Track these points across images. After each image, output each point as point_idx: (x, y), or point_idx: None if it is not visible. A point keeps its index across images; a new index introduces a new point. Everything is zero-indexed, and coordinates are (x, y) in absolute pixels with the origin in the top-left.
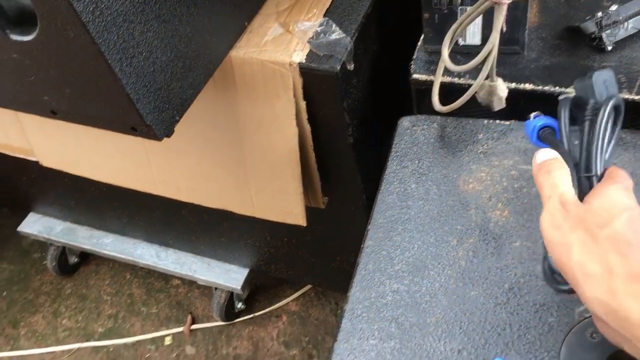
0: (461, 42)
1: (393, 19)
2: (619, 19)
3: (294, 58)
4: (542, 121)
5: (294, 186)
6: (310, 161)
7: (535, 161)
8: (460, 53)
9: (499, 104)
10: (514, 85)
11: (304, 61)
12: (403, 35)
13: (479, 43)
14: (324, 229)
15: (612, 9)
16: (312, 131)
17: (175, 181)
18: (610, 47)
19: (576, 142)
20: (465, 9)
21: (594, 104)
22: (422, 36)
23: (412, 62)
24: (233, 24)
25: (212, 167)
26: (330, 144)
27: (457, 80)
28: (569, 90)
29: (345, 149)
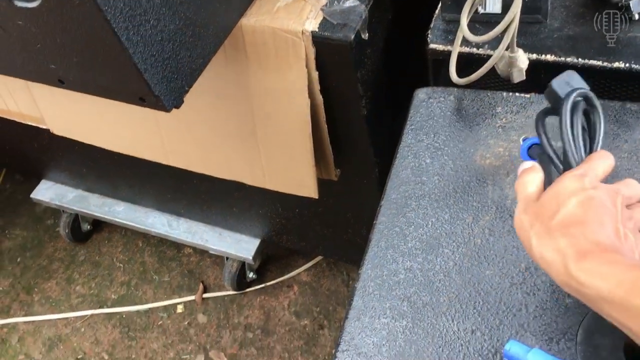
0: (481, 10)
1: None
2: None
3: (306, 26)
4: (529, 141)
5: (306, 158)
6: (323, 133)
7: (518, 171)
8: (480, 22)
9: (519, 76)
10: (534, 56)
11: (317, 30)
12: (420, 3)
13: (500, 11)
14: (335, 201)
15: None
16: (325, 102)
17: (185, 151)
18: (638, 17)
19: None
20: None
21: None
22: (440, 4)
23: (429, 31)
24: None
25: (223, 138)
26: (342, 116)
27: (476, 50)
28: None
29: (358, 121)
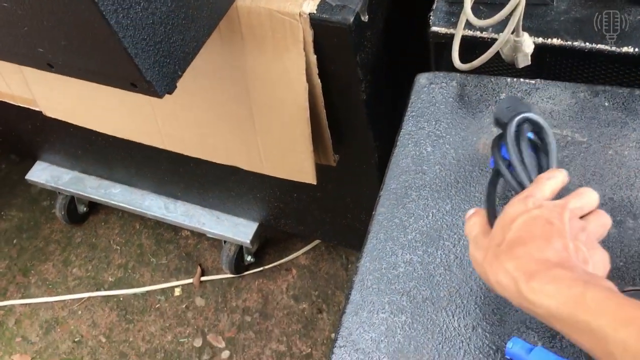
0: None
1: None
2: None
3: (304, 8)
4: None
5: (304, 143)
6: (321, 118)
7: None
8: (483, 3)
9: (524, 61)
10: (540, 40)
11: (315, 12)
12: None
13: None
14: (334, 186)
15: None
16: (323, 87)
17: (181, 136)
18: None
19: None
20: None
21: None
22: None
23: (431, 13)
24: None
25: (219, 123)
26: (341, 101)
27: (480, 34)
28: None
29: (358, 105)
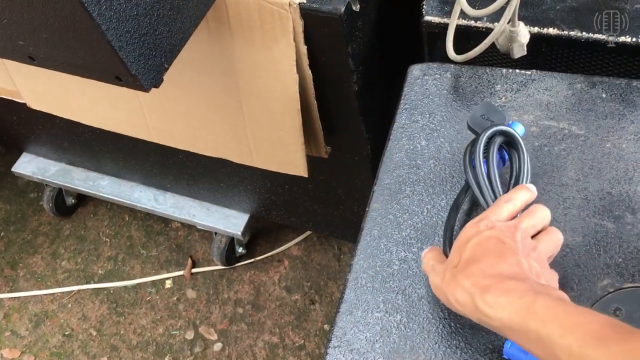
0: None
1: None
2: None
3: None
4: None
5: (295, 136)
6: (312, 110)
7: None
8: None
9: (519, 51)
10: (536, 29)
11: (305, 1)
12: None
13: None
14: (326, 178)
15: None
16: (314, 78)
17: (169, 128)
18: None
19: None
20: None
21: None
22: None
23: (424, 2)
24: None
25: (208, 115)
26: (333, 92)
27: (474, 23)
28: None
29: (349, 96)
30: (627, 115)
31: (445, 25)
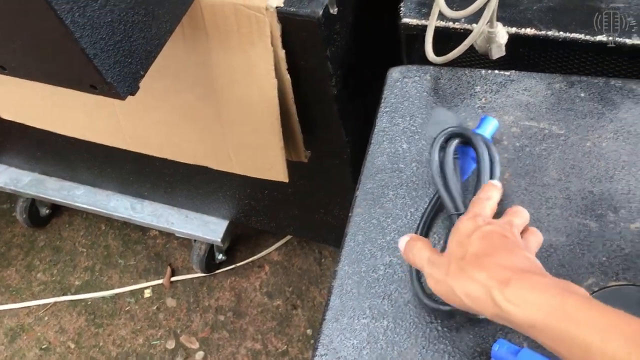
0: None
1: None
2: None
3: (270, 2)
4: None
5: (274, 141)
6: (291, 114)
7: (400, 248)
8: None
9: (498, 52)
10: (514, 30)
11: (282, 5)
12: None
13: None
14: (306, 182)
15: None
16: (293, 82)
17: (146, 136)
18: None
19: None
20: None
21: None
22: None
23: (402, 4)
24: None
25: (185, 122)
26: (312, 96)
27: (452, 25)
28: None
29: (329, 100)
30: (606, 114)
31: (424, 27)
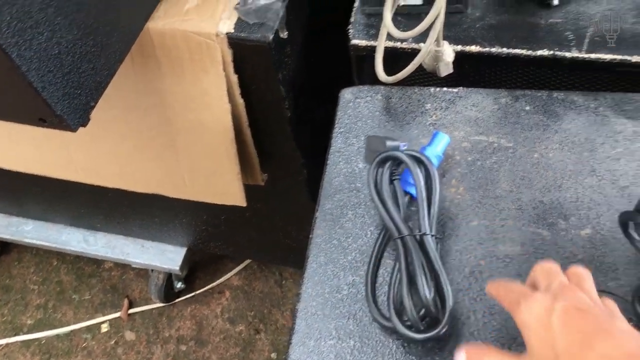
0: (401, 2)
1: None
2: None
3: (220, 28)
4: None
5: (230, 166)
6: (246, 138)
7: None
8: (401, 14)
9: (445, 70)
10: (459, 47)
11: (233, 31)
12: None
13: (420, 2)
14: (264, 205)
15: None
16: (246, 106)
17: (98, 167)
18: (556, 2)
19: None
20: None
21: None
22: None
23: (350, 26)
24: None
25: (138, 151)
26: (266, 119)
27: (400, 45)
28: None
29: (283, 123)
30: (551, 126)
31: (373, 48)
